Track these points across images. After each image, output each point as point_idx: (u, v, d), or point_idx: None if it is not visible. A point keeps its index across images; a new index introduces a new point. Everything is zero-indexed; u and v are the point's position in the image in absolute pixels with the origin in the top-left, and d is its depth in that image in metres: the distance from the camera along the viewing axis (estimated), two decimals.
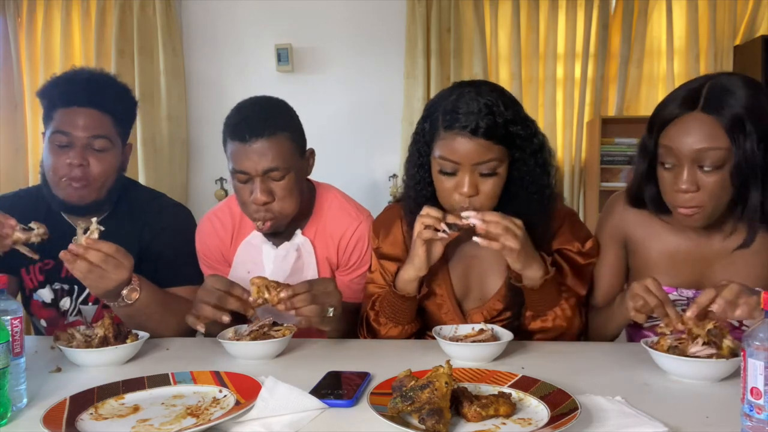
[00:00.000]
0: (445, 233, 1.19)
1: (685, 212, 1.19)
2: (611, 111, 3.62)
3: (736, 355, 1.01)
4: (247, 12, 3.72)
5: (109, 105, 1.47)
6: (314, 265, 1.48)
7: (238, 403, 0.92)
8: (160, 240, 1.53)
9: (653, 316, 1.13)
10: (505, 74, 3.64)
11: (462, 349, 1.15)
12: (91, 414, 0.90)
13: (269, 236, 1.46)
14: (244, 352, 1.19)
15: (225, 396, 0.96)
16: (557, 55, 3.62)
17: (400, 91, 3.63)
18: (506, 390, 0.94)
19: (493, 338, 1.19)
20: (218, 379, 1.02)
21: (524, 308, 1.31)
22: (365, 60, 3.70)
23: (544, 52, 3.61)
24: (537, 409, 0.89)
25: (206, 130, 3.76)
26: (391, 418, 0.83)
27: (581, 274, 1.35)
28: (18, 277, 1.55)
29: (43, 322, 1.60)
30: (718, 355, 1.02)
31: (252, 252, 1.48)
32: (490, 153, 1.19)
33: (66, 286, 1.54)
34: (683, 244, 1.31)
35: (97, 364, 1.16)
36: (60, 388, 1.03)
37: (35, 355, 1.23)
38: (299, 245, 1.47)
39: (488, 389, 0.96)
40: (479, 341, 1.17)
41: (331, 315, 1.21)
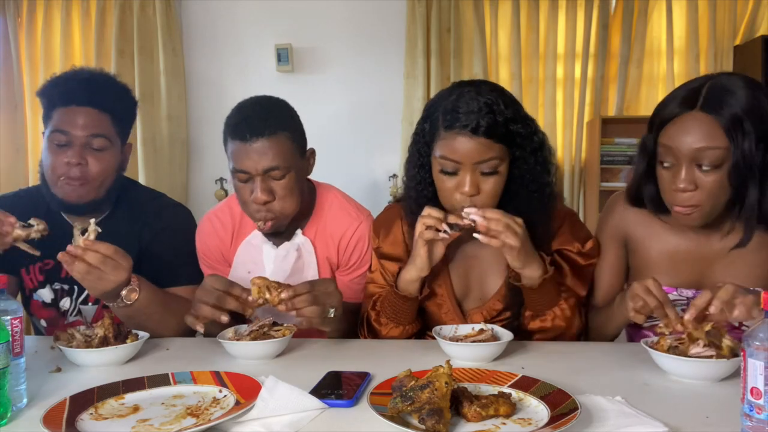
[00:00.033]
0: (446, 233, 1.19)
1: (682, 211, 1.19)
2: (611, 111, 3.62)
3: (736, 355, 1.02)
4: (247, 12, 3.72)
5: (108, 104, 1.46)
6: (314, 265, 1.48)
7: (238, 403, 0.92)
8: (160, 240, 1.53)
9: (653, 316, 1.13)
10: (505, 74, 3.64)
11: (462, 349, 1.15)
12: (91, 414, 0.90)
13: (269, 236, 1.46)
14: (244, 352, 1.19)
15: (225, 396, 0.96)
16: (557, 55, 3.61)
17: (400, 91, 3.63)
18: (506, 390, 0.94)
19: (493, 338, 1.19)
20: (218, 379, 1.02)
21: (524, 308, 1.31)
22: (365, 60, 3.70)
23: (544, 52, 3.61)
24: (537, 409, 0.88)
25: (206, 130, 3.76)
26: (391, 418, 0.83)
27: (581, 275, 1.35)
28: (18, 277, 1.56)
29: (43, 322, 1.60)
30: (718, 355, 1.02)
31: (252, 252, 1.48)
32: (491, 152, 1.20)
33: (66, 286, 1.54)
34: (683, 244, 1.31)
35: (97, 364, 1.16)
36: (60, 388, 1.03)
37: (35, 355, 1.23)
38: (299, 245, 1.47)
39: (488, 389, 0.96)
40: (479, 341, 1.17)
41: (332, 316, 1.21)
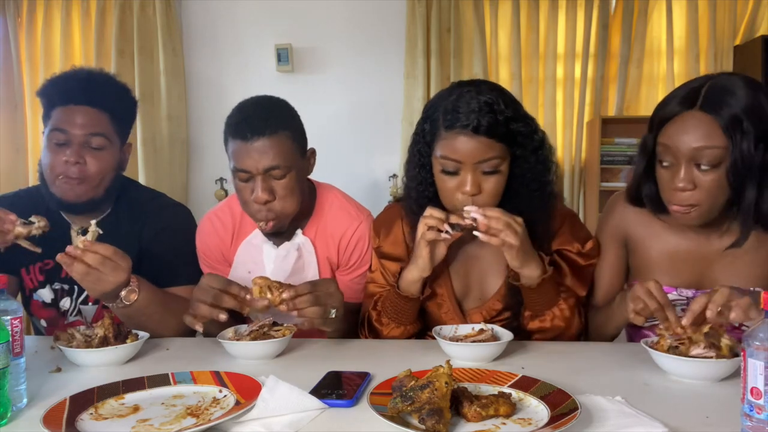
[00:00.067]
0: (448, 234, 1.20)
1: (680, 210, 1.19)
2: (611, 111, 3.62)
3: (736, 354, 1.02)
4: (247, 12, 3.72)
5: (107, 103, 1.46)
6: (315, 264, 1.48)
7: (238, 403, 0.92)
8: (160, 240, 1.53)
9: (652, 317, 1.13)
10: (505, 74, 3.64)
11: (462, 349, 1.15)
12: (91, 414, 0.90)
13: (270, 236, 1.46)
14: (244, 352, 1.19)
15: (225, 396, 0.96)
16: (557, 55, 3.61)
17: (400, 91, 3.63)
18: (506, 390, 0.94)
19: (493, 338, 1.19)
20: (218, 379, 1.02)
21: (523, 308, 1.31)
22: (365, 60, 3.70)
23: (544, 52, 3.61)
24: (537, 409, 0.88)
25: (206, 130, 3.76)
26: (391, 418, 0.83)
27: (581, 275, 1.35)
28: (18, 277, 1.55)
29: (43, 322, 1.60)
30: (718, 355, 1.02)
31: (252, 252, 1.48)
32: (492, 151, 1.20)
33: (66, 286, 1.54)
34: (683, 244, 1.31)
35: (97, 364, 1.16)
36: (60, 388, 1.03)
37: (35, 355, 1.23)
38: (300, 245, 1.47)
39: (488, 389, 0.96)
40: (479, 341, 1.17)
41: (333, 316, 1.21)
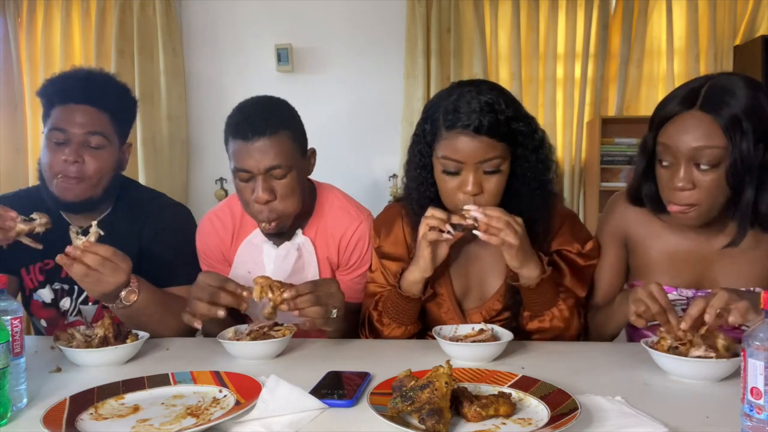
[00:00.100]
0: (450, 234, 1.20)
1: (680, 209, 1.19)
2: (611, 111, 3.62)
3: (735, 353, 1.02)
4: (247, 12, 3.72)
5: (106, 102, 1.46)
6: (315, 264, 1.48)
7: (238, 403, 0.92)
8: (160, 240, 1.53)
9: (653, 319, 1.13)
10: (505, 74, 3.64)
11: (462, 349, 1.15)
12: (91, 414, 0.90)
13: (270, 236, 1.46)
14: (244, 352, 1.19)
15: (225, 396, 0.96)
16: (557, 55, 3.62)
17: (400, 91, 3.63)
18: (506, 390, 0.94)
19: (493, 338, 1.19)
20: (218, 379, 1.02)
21: (522, 308, 1.31)
22: (365, 60, 3.70)
23: (544, 52, 3.61)
24: (537, 409, 0.88)
25: (206, 130, 3.76)
26: (391, 418, 0.83)
27: (580, 276, 1.35)
28: (18, 277, 1.55)
29: (43, 322, 1.60)
30: (719, 355, 1.02)
31: (253, 251, 1.48)
32: (493, 150, 1.20)
33: (66, 286, 1.54)
34: (683, 244, 1.31)
35: (97, 364, 1.16)
36: (60, 388, 1.03)
37: (35, 355, 1.23)
38: (300, 245, 1.47)
39: (488, 389, 0.96)
40: (479, 341, 1.17)
41: (335, 316, 1.21)
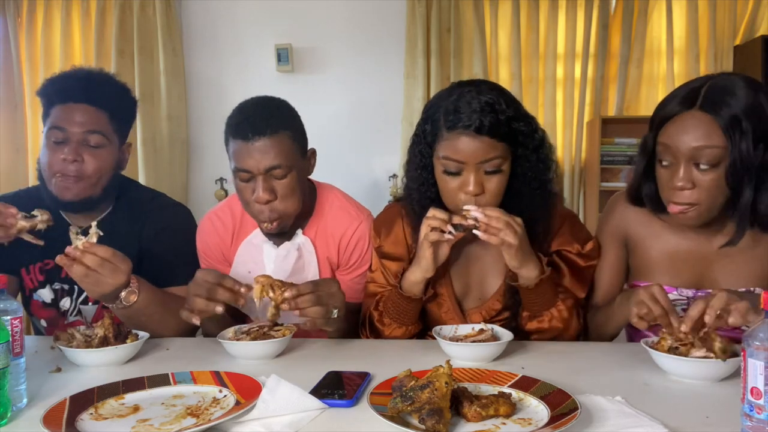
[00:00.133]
0: (451, 234, 1.20)
1: (679, 209, 1.19)
2: (611, 111, 3.62)
3: (734, 353, 1.02)
4: (247, 12, 3.72)
5: (106, 102, 1.46)
6: (315, 264, 1.48)
7: (238, 403, 0.92)
8: (160, 239, 1.53)
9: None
10: (505, 74, 3.64)
11: (462, 349, 1.15)
12: (91, 414, 0.90)
13: (270, 236, 1.46)
14: (244, 352, 1.19)
15: (225, 396, 0.96)
16: (557, 55, 3.62)
17: (400, 91, 3.63)
18: (506, 390, 0.94)
19: (493, 338, 1.19)
20: (218, 379, 1.02)
21: (521, 309, 1.31)
22: (365, 60, 3.70)
23: (544, 52, 3.61)
24: (537, 409, 0.88)
25: (206, 130, 3.76)
26: (391, 418, 0.83)
27: (580, 276, 1.35)
28: (18, 277, 1.55)
29: (43, 322, 1.60)
30: (716, 358, 1.02)
31: (253, 251, 1.48)
32: (494, 150, 1.20)
33: (66, 286, 1.54)
34: (683, 244, 1.31)
35: (97, 364, 1.16)
36: (60, 388, 1.03)
37: (35, 355, 1.23)
38: (300, 245, 1.47)
39: (488, 389, 0.96)
40: (479, 341, 1.17)
41: (335, 316, 1.21)
